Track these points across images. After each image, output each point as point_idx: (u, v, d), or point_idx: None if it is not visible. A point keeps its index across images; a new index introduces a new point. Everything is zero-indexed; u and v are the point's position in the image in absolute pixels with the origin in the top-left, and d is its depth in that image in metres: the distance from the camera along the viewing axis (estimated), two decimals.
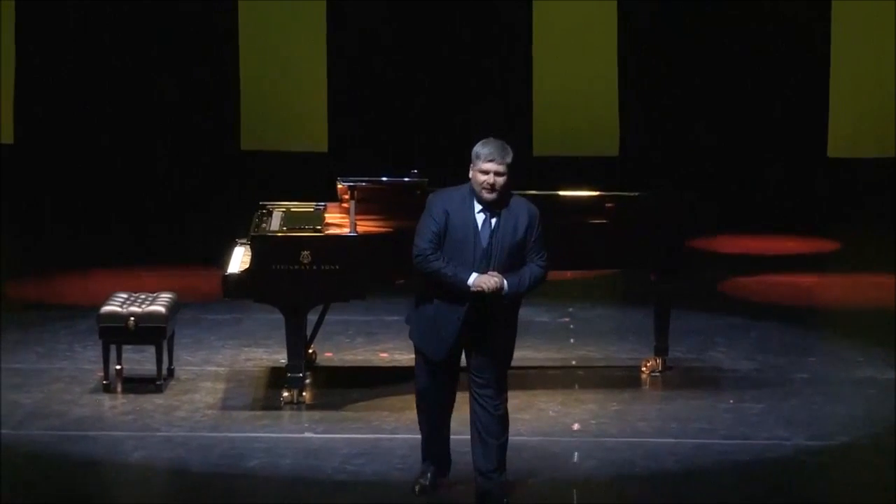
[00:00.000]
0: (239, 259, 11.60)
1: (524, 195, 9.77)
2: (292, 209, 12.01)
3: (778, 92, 19.36)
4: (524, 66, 18.93)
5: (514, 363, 12.15)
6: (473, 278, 9.44)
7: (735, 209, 17.26)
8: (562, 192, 12.28)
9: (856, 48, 19.53)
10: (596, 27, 19.16)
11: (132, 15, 19.69)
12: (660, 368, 12.08)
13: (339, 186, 11.72)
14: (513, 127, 18.26)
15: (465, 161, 9.40)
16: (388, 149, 18.54)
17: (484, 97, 19.07)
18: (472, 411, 9.74)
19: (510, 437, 9.90)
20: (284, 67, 19.66)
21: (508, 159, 9.48)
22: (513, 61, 19.03)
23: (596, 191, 12.28)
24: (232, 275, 11.43)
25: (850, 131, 19.40)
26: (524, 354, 12.51)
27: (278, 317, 11.49)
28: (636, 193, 12.25)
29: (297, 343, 11.44)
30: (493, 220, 9.55)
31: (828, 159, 19.31)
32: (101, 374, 11.71)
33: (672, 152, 18.68)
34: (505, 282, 9.47)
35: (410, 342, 9.79)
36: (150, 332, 11.63)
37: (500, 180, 9.48)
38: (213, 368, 11.94)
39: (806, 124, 19.48)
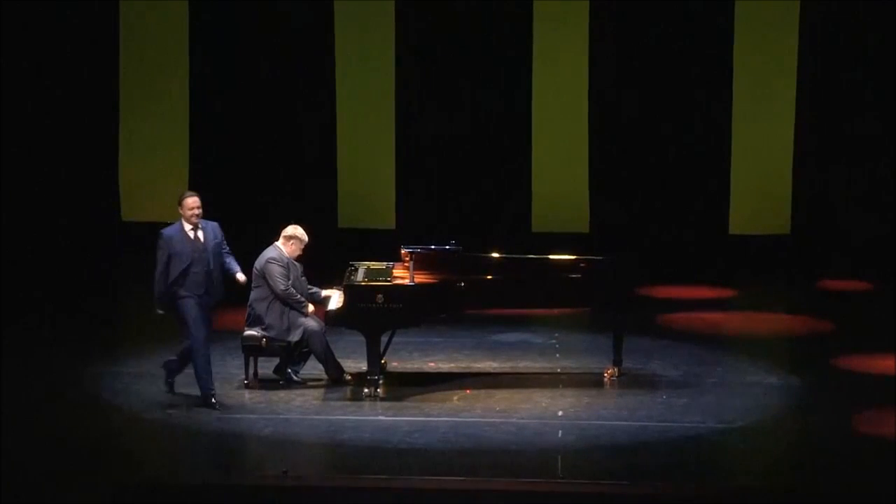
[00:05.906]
0: (336, 300, 11.59)
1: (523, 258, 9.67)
2: (371, 266, 11.91)
3: (687, 178, 17.58)
4: (527, 171, 18.01)
5: (519, 370, 12.27)
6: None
7: (663, 267, 16.91)
8: (552, 257, 12.18)
9: (754, 139, 17.32)
10: (573, 143, 18.12)
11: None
12: (616, 374, 11.94)
13: (402, 252, 11.70)
14: (518, 210, 17.73)
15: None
16: (435, 225, 17.65)
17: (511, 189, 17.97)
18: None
19: (519, 419, 10.13)
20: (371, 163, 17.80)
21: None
22: (518, 170, 18.04)
23: (574, 255, 12.14)
24: (332, 310, 11.45)
25: (748, 212, 17.49)
26: (525, 364, 12.55)
27: (362, 338, 11.45)
28: (600, 257, 12.06)
29: (374, 356, 11.40)
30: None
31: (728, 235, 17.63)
32: (244, 376, 11.70)
33: (622, 229, 17.85)
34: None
35: (452, 356, 9.53)
36: (276, 348, 11.60)
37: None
38: (318, 372, 11.87)
39: (711, 205, 17.58)
